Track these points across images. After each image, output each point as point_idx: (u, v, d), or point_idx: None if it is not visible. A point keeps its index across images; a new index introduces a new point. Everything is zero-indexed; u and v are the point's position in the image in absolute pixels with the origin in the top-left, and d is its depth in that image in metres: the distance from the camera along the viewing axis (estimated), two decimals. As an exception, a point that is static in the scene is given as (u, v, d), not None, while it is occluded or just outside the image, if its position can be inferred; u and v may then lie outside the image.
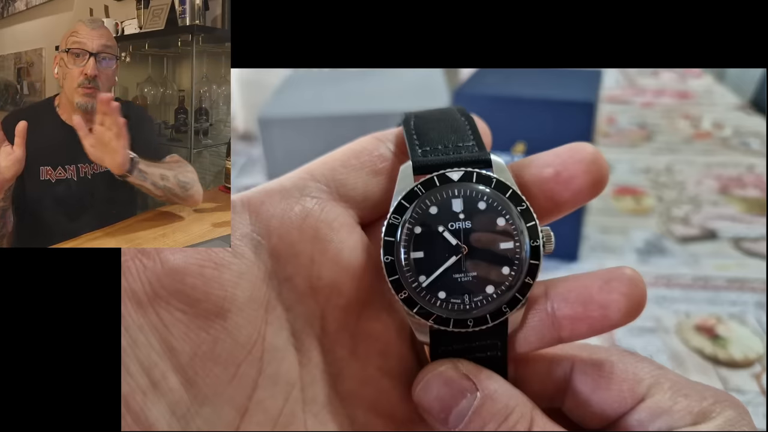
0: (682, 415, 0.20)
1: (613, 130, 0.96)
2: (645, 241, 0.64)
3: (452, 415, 0.20)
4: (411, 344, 0.22)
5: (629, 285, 0.20)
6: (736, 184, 0.76)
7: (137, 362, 0.18)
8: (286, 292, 0.21)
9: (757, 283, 0.56)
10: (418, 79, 0.71)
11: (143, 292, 0.19)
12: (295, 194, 0.21)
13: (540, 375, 0.22)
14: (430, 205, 0.20)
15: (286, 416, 0.20)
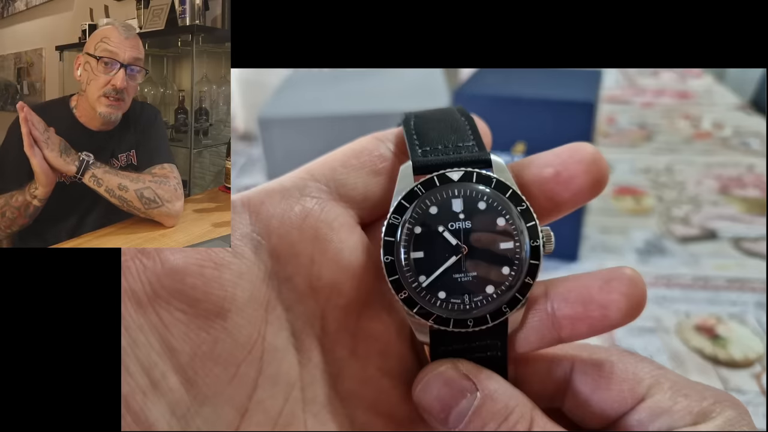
0: (682, 415, 0.20)
1: (613, 130, 0.96)
2: (645, 241, 0.64)
3: (452, 415, 0.20)
4: (411, 344, 0.22)
5: (629, 285, 0.20)
6: (736, 184, 0.76)
7: (137, 362, 0.18)
8: (286, 292, 0.21)
9: (757, 283, 0.56)
10: (418, 79, 0.71)
11: (143, 292, 0.19)
12: (295, 194, 0.21)
13: (540, 375, 0.22)
14: (430, 205, 0.20)
15: (286, 416, 0.20)
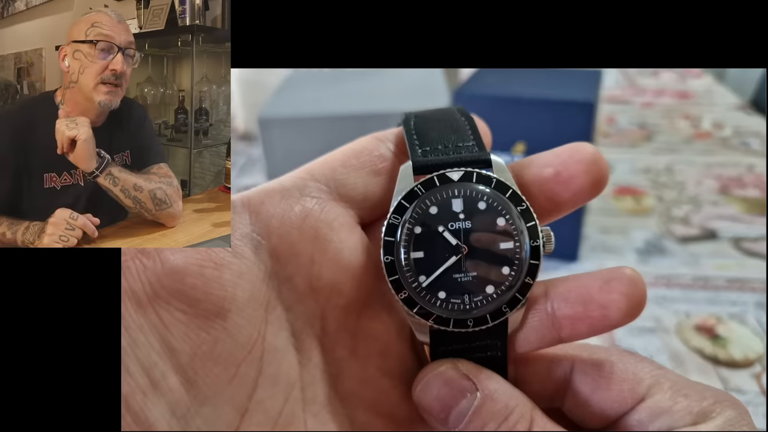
0: (682, 415, 0.20)
1: (613, 130, 0.96)
2: (645, 241, 0.64)
3: (452, 415, 0.20)
4: (411, 344, 0.22)
5: (629, 285, 0.20)
6: (736, 184, 0.76)
7: (137, 362, 0.18)
8: (286, 292, 0.21)
9: (757, 283, 0.56)
10: (418, 79, 0.71)
11: (143, 292, 0.19)
12: (295, 194, 0.21)
13: (540, 375, 0.22)
14: (430, 205, 0.20)
15: (286, 416, 0.20)
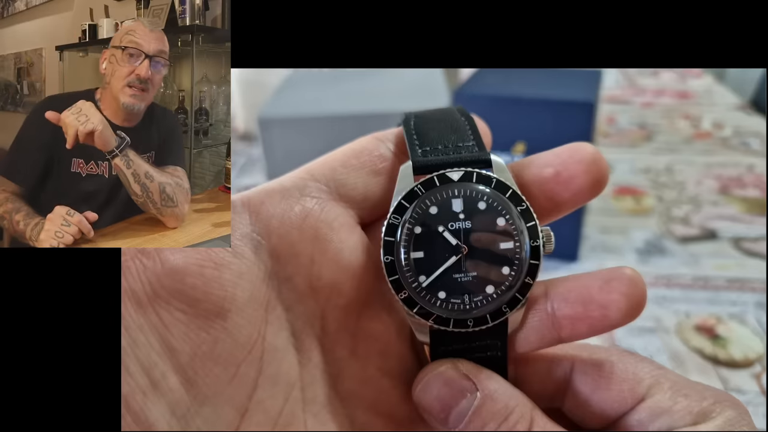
0: (682, 415, 0.20)
1: (613, 130, 0.96)
2: (645, 241, 0.64)
3: (452, 415, 0.20)
4: (411, 344, 0.22)
5: (629, 285, 0.20)
6: (736, 184, 0.76)
7: (137, 362, 0.18)
8: (286, 292, 0.21)
9: (757, 283, 0.56)
10: (418, 79, 0.71)
11: (143, 292, 0.19)
12: (295, 194, 0.21)
13: (540, 375, 0.22)
14: (430, 205, 0.20)
15: (286, 416, 0.20)
